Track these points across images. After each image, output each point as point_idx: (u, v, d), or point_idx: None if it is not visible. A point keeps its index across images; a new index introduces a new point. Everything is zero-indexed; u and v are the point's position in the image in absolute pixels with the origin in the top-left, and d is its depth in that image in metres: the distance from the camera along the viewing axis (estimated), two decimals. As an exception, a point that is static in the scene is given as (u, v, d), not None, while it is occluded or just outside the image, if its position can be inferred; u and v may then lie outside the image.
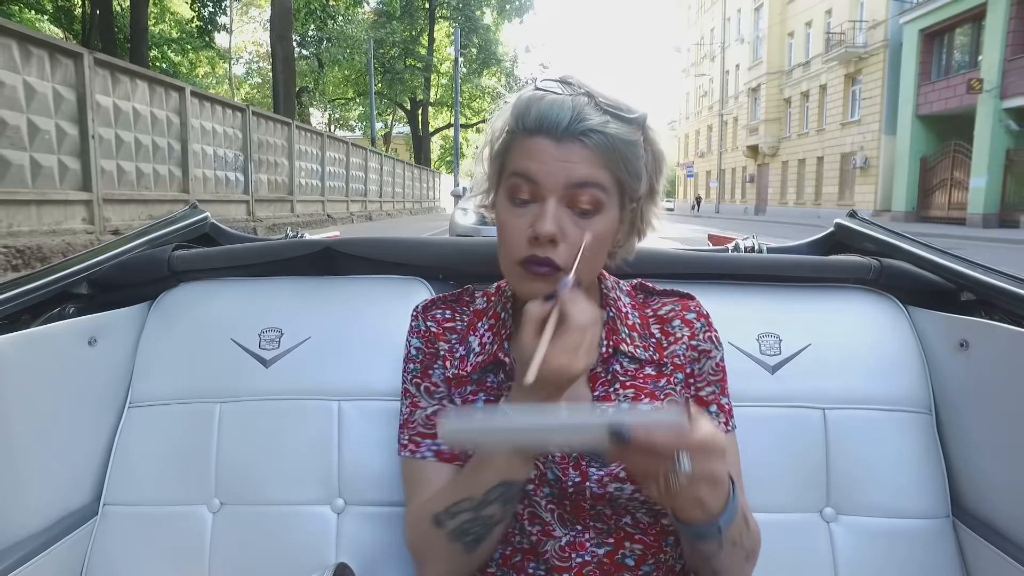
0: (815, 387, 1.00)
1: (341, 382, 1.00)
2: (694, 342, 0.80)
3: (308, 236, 1.22)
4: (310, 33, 23.15)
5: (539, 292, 0.68)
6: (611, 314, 0.79)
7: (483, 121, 36.54)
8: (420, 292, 1.06)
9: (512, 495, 0.70)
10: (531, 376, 0.59)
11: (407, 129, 40.93)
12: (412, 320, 0.83)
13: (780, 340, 1.03)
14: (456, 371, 0.78)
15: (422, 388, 0.80)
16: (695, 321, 0.81)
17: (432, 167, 38.10)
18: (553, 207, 0.67)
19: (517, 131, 0.70)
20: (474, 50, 31.53)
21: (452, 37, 29.46)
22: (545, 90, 0.70)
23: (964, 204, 17.53)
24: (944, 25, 18.61)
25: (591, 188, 0.67)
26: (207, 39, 18.03)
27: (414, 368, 0.81)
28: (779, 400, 1.00)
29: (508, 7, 32.29)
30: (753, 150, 32.39)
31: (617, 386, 0.75)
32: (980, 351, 0.96)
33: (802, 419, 0.99)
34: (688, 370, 0.79)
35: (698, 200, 38.97)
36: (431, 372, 0.80)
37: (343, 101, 34.44)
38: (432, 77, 33.13)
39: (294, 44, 17.62)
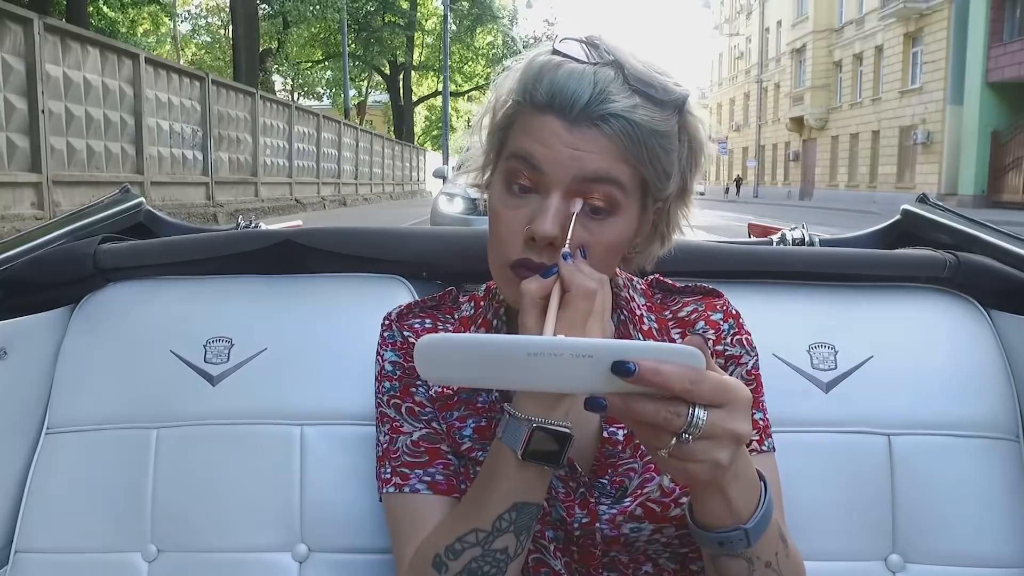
0: (878, 408, 0.99)
1: (304, 403, 0.98)
2: (720, 347, 0.79)
3: (264, 226, 1.20)
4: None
5: None
6: (623, 318, 0.79)
7: (476, 88, 37.17)
8: (399, 293, 1.05)
9: (527, 522, 0.68)
10: None
11: (384, 98, 41.57)
12: (384, 330, 0.82)
13: (836, 352, 1.01)
14: (440, 390, 0.77)
15: (403, 410, 0.79)
16: (721, 322, 0.80)
17: (416, 142, 38.70)
18: (556, 203, 0.65)
19: (524, 103, 0.67)
20: (465, 3, 32.12)
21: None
22: (563, 55, 0.67)
23: (1041, 187, 18.17)
24: (1018, -23, 19.25)
25: (606, 184, 0.65)
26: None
27: (391, 387, 0.79)
28: (835, 424, 0.98)
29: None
30: (797, 123, 33.08)
31: None
32: None
33: (862, 447, 0.97)
34: None
35: (738, 182, 39.58)
36: (413, 390, 0.79)
37: (309, 65, 35.03)
38: (416, 36, 33.75)
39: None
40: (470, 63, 36.17)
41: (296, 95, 39.06)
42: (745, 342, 0.81)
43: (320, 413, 0.98)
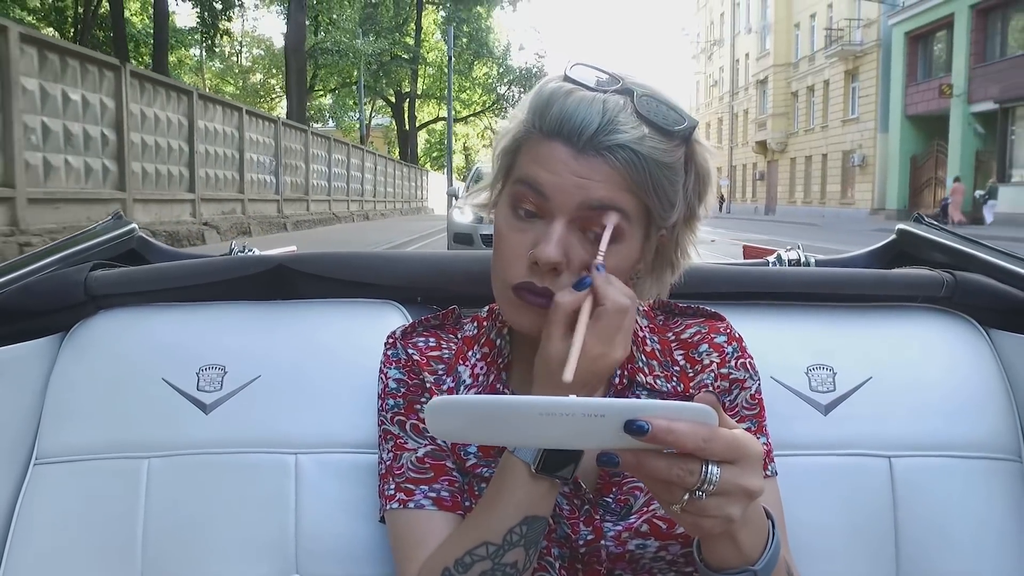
0: (878, 430, 0.99)
1: (298, 431, 0.98)
2: (724, 370, 0.80)
3: (258, 251, 1.22)
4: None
5: (530, 325, 0.70)
6: None
7: (473, 115, 41.57)
8: (393, 318, 1.05)
9: (536, 535, 0.68)
10: (569, 373, 0.60)
11: (385, 121, 45.87)
12: (388, 348, 0.83)
13: (834, 373, 1.01)
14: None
15: (407, 427, 0.80)
16: (725, 345, 0.82)
17: (418, 164, 42.90)
18: (560, 229, 0.66)
19: (533, 129, 0.69)
20: (464, 40, 36.36)
21: (439, 25, 33.99)
22: (574, 82, 0.68)
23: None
24: (925, 29, 23.62)
25: (608, 212, 0.67)
26: (211, 42, 22.73)
27: (395, 404, 0.81)
28: (834, 447, 0.98)
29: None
30: (762, 146, 37.52)
31: None
32: None
33: (863, 470, 0.97)
34: (720, 401, 0.78)
35: (721, 200, 43.76)
36: (418, 407, 0.80)
37: (322, 93, 39.23)
38: (419, 68, 37.96)
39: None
40: (467, 91, 40.44)
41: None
42: (749, 366, 0.82)
43: (315, 441, 0.98)
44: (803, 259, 1.22)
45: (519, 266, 0.69)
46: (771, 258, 1.25)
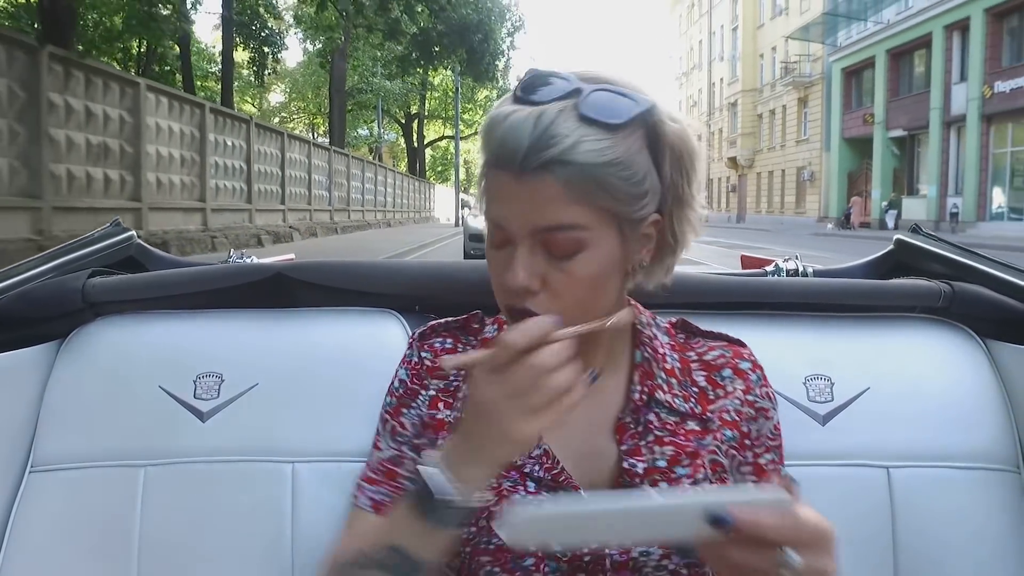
0: (876, 440, 1.00)
1: (296, 439, 0.99)
2: (751, 397, 0.81)
3: (256, 260, 1.23)
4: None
5: None
6: (646, 355, 0.80)
7: (474, 133, 46.04)
8: (391, 327, 1.06)
9: (401, 571, 0.66)
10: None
11: (390, 137, 50.74)
12: (407, 348, 0.87)
13: (832, 383, 1.02)
14: (454, 411, 0.80)
15: (388, 427, 0.82)
16: (750, 373, 0.82)
17: (425, 177, 47.79)
18: (524, 255, 0.67)
19: (486, 161, 0.70)
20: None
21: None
22: (521, 99, 0.67)
23: (871, 211, 27.25)
24: (856, 67, 28.52)
25: (564, 232, 0.66)
26: (261, 81, 27.52)
27: (390, 402, 0.84)
28: (832, 457, 0.99)
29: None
30: (733, 161, 42.48)
31: (651, 439, 0.76)
32: None
33: (861, 480, 0.98)
34: (744, 429, 0.80)
35: (694, 209, 48.68)
36: (405, 411, 0.82)
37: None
38: (426, 92, 42.83)
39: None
40: (469, 112, 45.30)
41: (315, 134, 48.03)
42: (771, 395, 0.83)
43: (312, 450, 0.99)
44: (801, 269, 1.21)
45: (503, 292, 0.71)
46: (769, 268, 1.23)
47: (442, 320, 0.88)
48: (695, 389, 0.81)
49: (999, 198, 20.90)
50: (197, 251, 11.56)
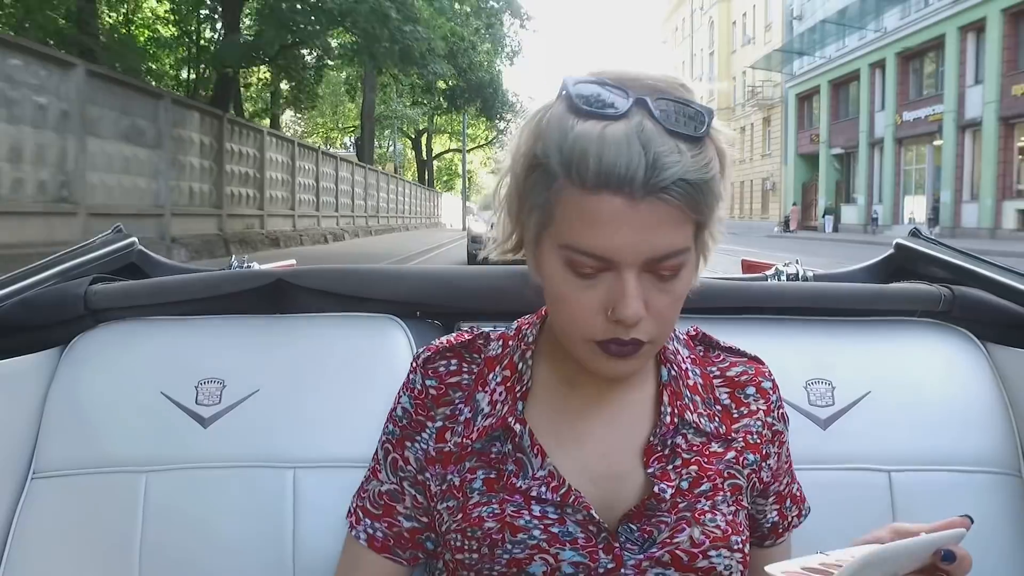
0: (877, 444, 1.01)
1: (297, 445, 1.00)
2: (770, 419, 0.80)
3: (257, 266, 1.23)
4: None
5: (623, 372, 0.70)
6: (672, 373, 0.78)
7: (478, 147, 51.44)
8: (393, 333, 1.06)
9: None
10: None
11: (398, 148, 56.03)
12: (410, 372, 0.82)
13: (833, 388, 1.03)
14: (461, 439, 0.77)
15: (389, 459, 0.80)
16: (771, 393, 0.81)
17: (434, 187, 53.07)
18: (635, 284, 0.64)
19: (568, 181, 0.63)
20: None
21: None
22: (592, 112, 0.63)
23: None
24: (806, 93, 33.76)
25: (674, 259, 0.65)
26: (301, 108, 32.75)
27: (392, 431, 0.81)
28: (833, 462, 1.00)
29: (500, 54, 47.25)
30: (711, 172, 47.64)
31: (678, 463, 0.74)
32: None
33: (863, 484, 0.99)
34: (764, 452, 0.79)
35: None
36: (408, 444, 0.80)
37: (352, 129, 49.26)
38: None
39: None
40: (472, 127, 50.51)
41: (327, 145, 53.22)
42: (785, 416, 0.83)
43: (313, 456, 0.99)
44: (801, 273, 1.20)
45: (596, 322, 0.66)
46: (769, 272, 1.23)
47: (444, 340, 0.83)
48: (719, 407, 0.79)
49: (910, 205, 26.04)
50: (292, 244, 16.68)
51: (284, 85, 27.51)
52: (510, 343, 0.81)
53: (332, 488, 0.96)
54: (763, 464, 0.80)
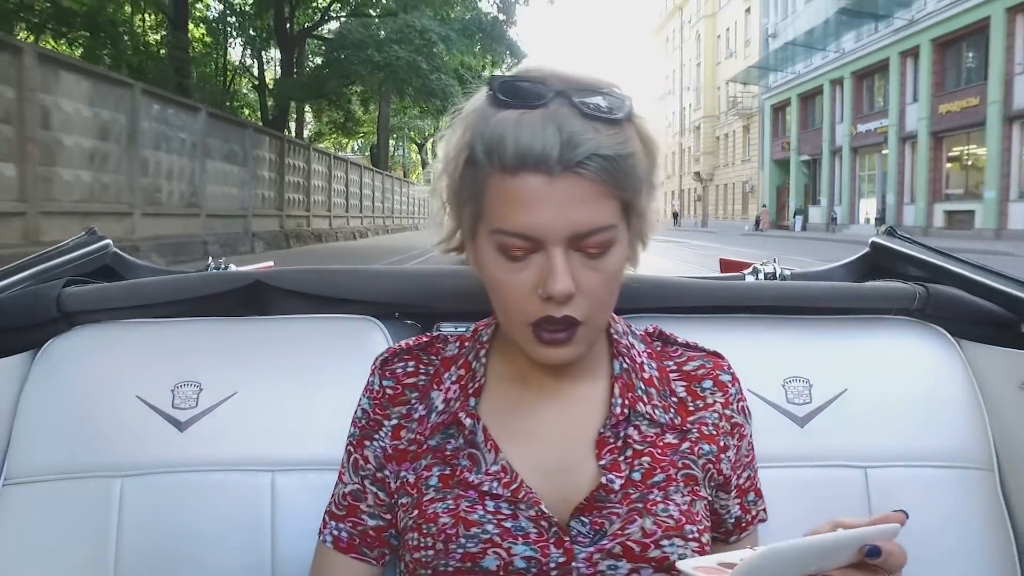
0: (853, 442, 1.02)
1: (276, 448, 1.00)
2: (728, 411, 0.81)
3: (234, 267, 1.23)
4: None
5: (560, 358, 0.71)
6: (624, 366, 0.79)
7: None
8: (372, 334, 1.06)
9: None
10: None
11: (403, 153, 60.06)
12: (370, 374, 0.84)
13: (810, 386, 1.04)
14: (415, 435, 0.79)
15: (351, 460, 0.82)
16: (730, 386, 0.82)
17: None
18: (562, 260, 0.66)
19: (490, 167, 0.67)
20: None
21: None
22: (508, 103, 0.67)
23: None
24: (780, 105, 37.44)
25: (598, 234, 0.67)
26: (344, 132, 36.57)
27: (353, 433, 0.83)
28: (811, 459, 1.01)
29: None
30: (698, 175, 51.48)
31: (629, 454, 0.75)
32: None
33: (840, 482, 1.00)
34: (722, 444, 0.80)
35: (675, 215, 57.69)
36: (367, 443, 0.81)
37: (362, 135, 53.01)
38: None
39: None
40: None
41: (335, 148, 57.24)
42: (746, 409, 0.84)
43: (292, 459, 0.99)
44: (779, 272, 1.22)
45: (531, 303, 0.69)
46: (747, 271, 1.25)
47: (403, 343, 0.85)
48: (674, 399, 0.80)
49: (864, 207, 29.70)
50: (330, 240, 20.41)
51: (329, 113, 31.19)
52: (466, 344, 0.82)
53: (311, 490, 0.96)
54: (721, 456, 0.80)
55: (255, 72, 23.89)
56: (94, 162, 10.11)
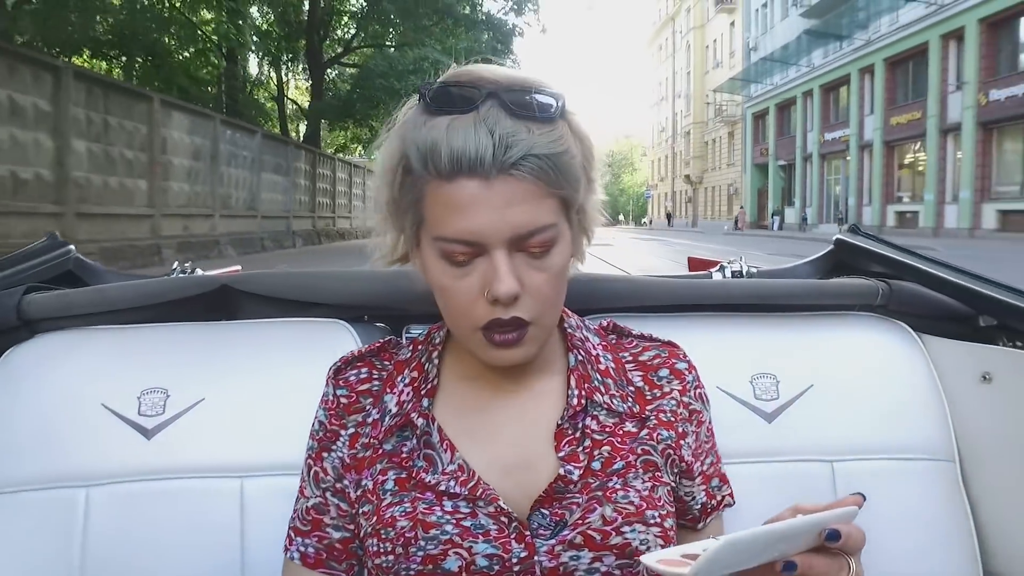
0: (820, 436, 1.03)
1: (245, 454, 0.99)
2: (686, 398, 0.82)
3: (201, 272, 1.22)
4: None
5: (512, 359, 0.72)
6: (580, 358, 0.80)
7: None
8: (341, 337, 1.06)
9: None
10: None
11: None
12: (325, 384, 0.84)
13: (778, 381, 1.05)
14: (368, 439, 0.78)
15: (311, 472, 0.81)
16: (686, 373, 0.83)
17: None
18: (505, 262, 0.67)
19: (427, 174, 0.68)
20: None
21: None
22: (442, 109, 0.68)
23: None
24: (760, 113, 40.65)
25: (540, 234, 0.68)
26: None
27: (311, 446, 0.82)
28: (779, 455, 1.02)
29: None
30: (688, 178, 54.73)
31: (588, 444, 0.76)
32: (1004, 385, 1.02)
33: (807, 476, 1.02)
34: (680, 430, 0.81)
35: (669, 216, 61.01)
36: (326, 455, 0.81)
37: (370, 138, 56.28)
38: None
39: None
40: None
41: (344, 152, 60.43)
42: (704, 396, 0.85)
43: (261, 465, 0.98)
44: (745, 270, 1.25)
45: (478, 308, 0.69)
46: (714, 269, 1.27)
47: (355, 350, 0.85)
48: (631, 389, 0.81)
49: (832, 208, 32.86)
50: (351, 239, 23.59)
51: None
52: (419, 347, 0.83)
53: (281, 496, 0.93)
54: (681, 442, 0.80)
55: (271, 84, 27.24)
56: (190, 176, 13.66)
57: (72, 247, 1.23)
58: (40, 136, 9.71)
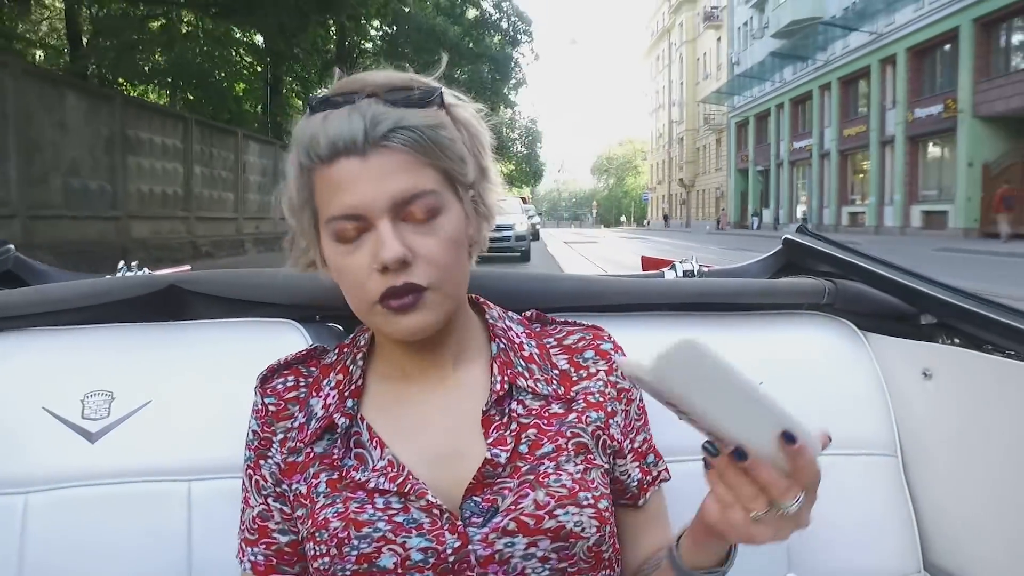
0: None
1: (192, 457, 0.98)
2: (613, 378, 0.83)
3: (149, 271, 1.21)
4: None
5: (415, 325, 0.73)
6: (502, 345, 0.82)
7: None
8: (292, 337, 1.05)
9: None
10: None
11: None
12: (254, 394, 0.84)
13: None
14: (295, 443, 0.80)
15: (253, 481, 0.82)
16: (612, 353, 0.85)
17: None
18: (389, 229, 0.70)
19: (313, 165, 0.72)
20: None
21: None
22: (320, 108, 0.73)
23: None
24: (742, 122, 44.73)
25: (421, 198, 0.71)
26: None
27: (248, 456, 0.83)
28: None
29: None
30: (682, 182, 58.82)
31: (515, 428, 0.77)
32: (944, 381, 1.06)
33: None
34: (610, 409, 0.82)
35: (666, 217, 65.33)
36: (262, 463, 0.82)
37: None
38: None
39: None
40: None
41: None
42: None
43: (209, 467, 0.97)
44: (696, 270, 1.28)
45: (373, 280, 0.71)
46: (666, 269, 1.30)
47: (282, 359, 0.86)
48: (556, 372, 0.83)
49: (800, 210, 36.87)
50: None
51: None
52: (345, 350, 0.84)
53: (230, 498, 0.89)
54: (610, 421, 0.81)
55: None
56: (260, 189, 18.06)
57: (12, 246, 1.22)
58: (176, 165, 14.19)
